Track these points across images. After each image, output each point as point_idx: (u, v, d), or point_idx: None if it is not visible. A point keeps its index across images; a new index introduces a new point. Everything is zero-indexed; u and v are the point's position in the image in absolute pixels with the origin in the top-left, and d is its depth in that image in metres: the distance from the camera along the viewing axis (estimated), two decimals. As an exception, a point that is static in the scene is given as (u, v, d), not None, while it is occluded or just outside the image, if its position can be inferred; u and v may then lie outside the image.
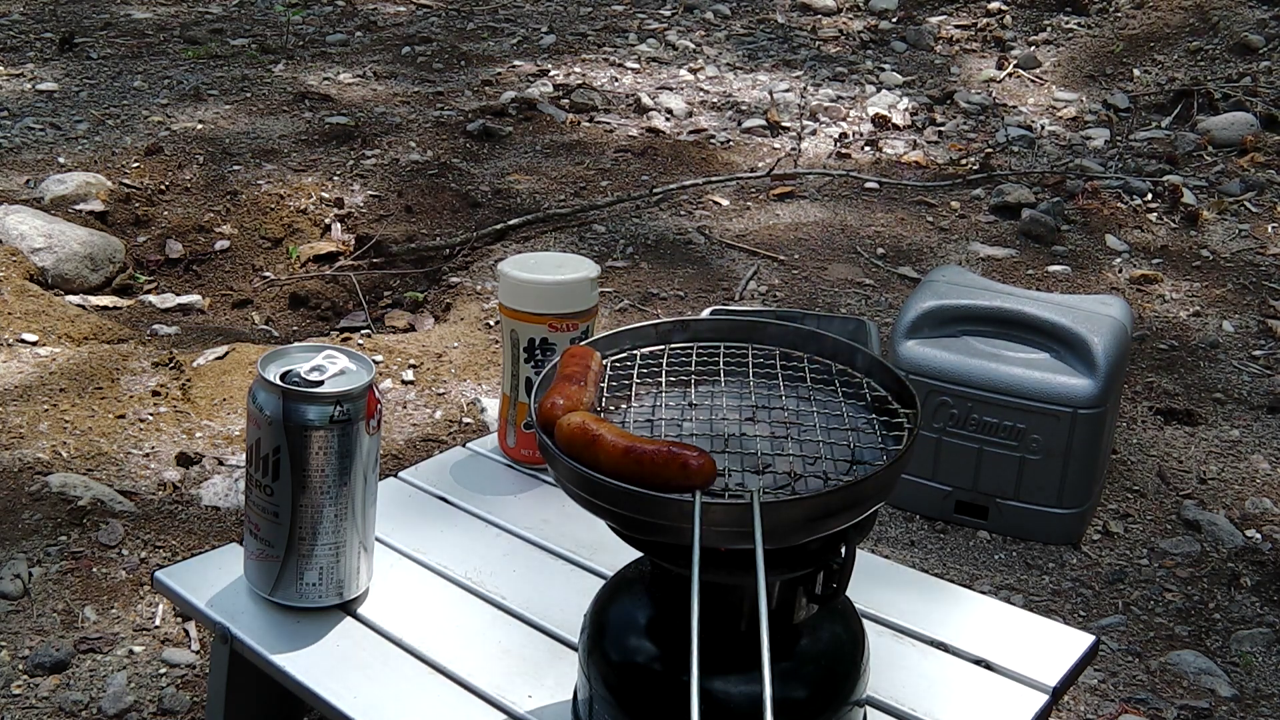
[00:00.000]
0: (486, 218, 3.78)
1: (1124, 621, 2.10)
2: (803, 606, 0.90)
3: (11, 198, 3.57)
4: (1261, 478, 2.56)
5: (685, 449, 0.81)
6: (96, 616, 1.90)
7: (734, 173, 4.24)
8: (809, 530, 0.83)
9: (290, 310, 3.37)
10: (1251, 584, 2.20)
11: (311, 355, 1.11)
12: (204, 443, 2.38)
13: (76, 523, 2.07)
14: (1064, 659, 1.11)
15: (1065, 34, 5.66)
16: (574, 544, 1.27)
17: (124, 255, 3.43)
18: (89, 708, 1.73)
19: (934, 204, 4.04)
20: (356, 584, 1.14)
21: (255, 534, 1.11)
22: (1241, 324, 3.27)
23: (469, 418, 2.58)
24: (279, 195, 3.83)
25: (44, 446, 2.29)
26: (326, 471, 1.07)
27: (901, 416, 0.92)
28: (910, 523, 2.38)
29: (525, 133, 4.54)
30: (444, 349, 2.88)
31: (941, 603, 1.21)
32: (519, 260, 1.40)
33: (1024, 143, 4.61)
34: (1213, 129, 4.55)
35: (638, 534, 0.87)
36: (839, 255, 3.61)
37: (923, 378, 2.29)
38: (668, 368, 1.01)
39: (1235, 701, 1.91)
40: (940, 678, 1.09)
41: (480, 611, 1.17)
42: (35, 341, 2.76)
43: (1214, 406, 2.85)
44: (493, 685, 1.05)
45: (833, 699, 0.91)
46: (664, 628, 0.92)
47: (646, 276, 3.39)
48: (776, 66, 5.50)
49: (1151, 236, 3.83)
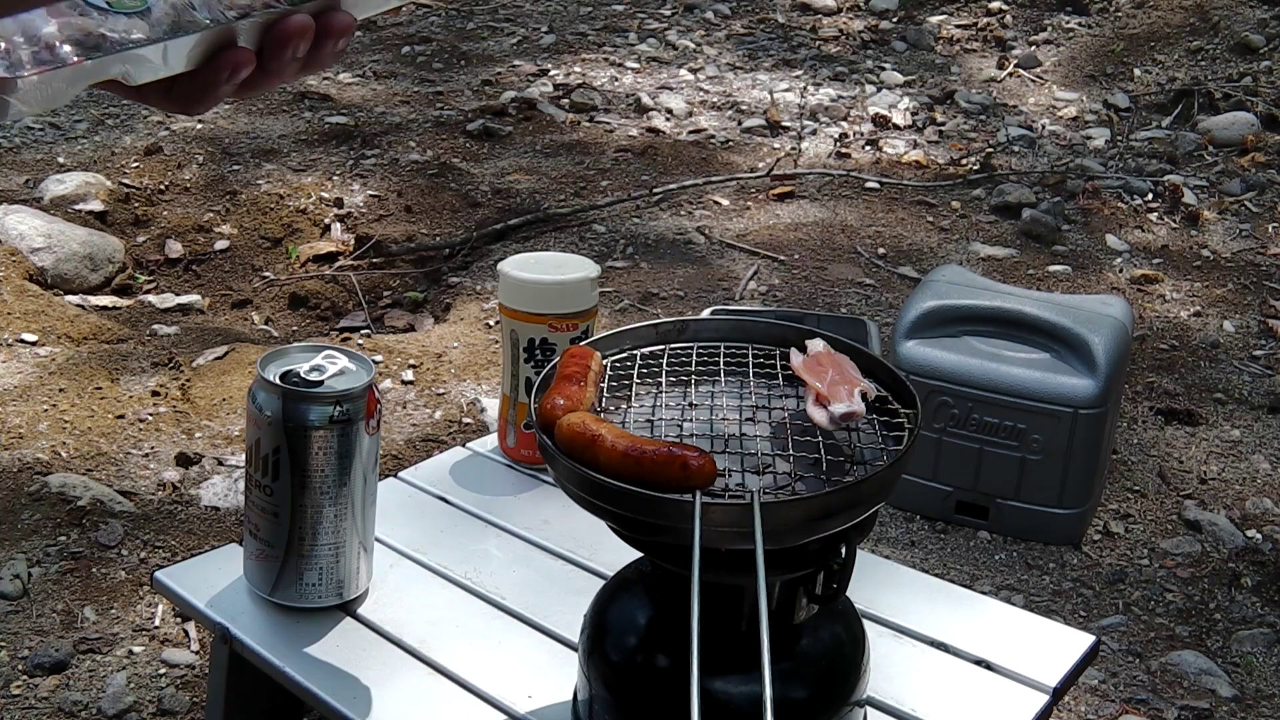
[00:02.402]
0: (486, 218, 3.77)
1: (1124, 622, 2.10)
2: (803, 607, 0.90)
3: (11, 198, 3.57)
4: (1262, 478, 2.56)
5: (685, 449, 0.80)
6: (96, 617, 1.90)
7: (734, 173, 4.24)
8: (809, 530, 0.83)
9: (290, 310, 3.37)
10: (1252, 584, 2.20)
11: (311, 355, 1.11)
12: (204, 443, 2.38)
13: (76, 523, 2.07)
14: (1064, 659, 1.11)
15: (1066, 34, 5.66)
16: (574, 544, 1.27)
17: (124, 255, 3.43)
18: (89, 708, 1.73)
19: (934, 204, 4.04)
20: (356, 584, 1.14)
21: (255, 534, 1.11)
22: (1242, 324, 3.27)
23: (469, 418, 2.58)
24: (279, 195, 3.83)
25: (44, 446, 2.29)
26: (326, 471, 1.06)
27: (902, 416, 0.92)
28: (910, 523, 2.38)
29: (525, 133, 4.54)
30: (444, 349, 2.87)
31: (941, 603, 1.21)
32: (519, 260, 1.40)
33: (1024, 143, 4.61)
34: (1213, 129, 4.55)
35: (638, 534, 0.87)
36: (839, 255, 3.61)
37: (923, 378, 2.29)
38: (668, 368, 1.01)
39: (1235, 702, 1.91)
40: (940, 678, 1.09)
41: (480, 611, 1.16)
42: (35, 341, 2.76)
43: (1214, 406, 2.84)
44: (493, 685, 1.05)
45: (833, 699, 0.91)
46: (664, 628, 0.92)
47: (646, 276, 3.39)
48: (776, 66, 5.50)
49: (1152, 236, 3.83)
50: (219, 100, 0.61)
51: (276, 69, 0.60)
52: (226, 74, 0.58)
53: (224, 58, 0.58)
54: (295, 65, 0.61)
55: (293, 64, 0.60)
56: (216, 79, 0.58)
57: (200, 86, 0.59)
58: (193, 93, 0.59)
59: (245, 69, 0.59)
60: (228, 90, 0.59)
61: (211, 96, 0.59)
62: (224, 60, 0.58)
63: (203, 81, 0.58)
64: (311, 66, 0.62)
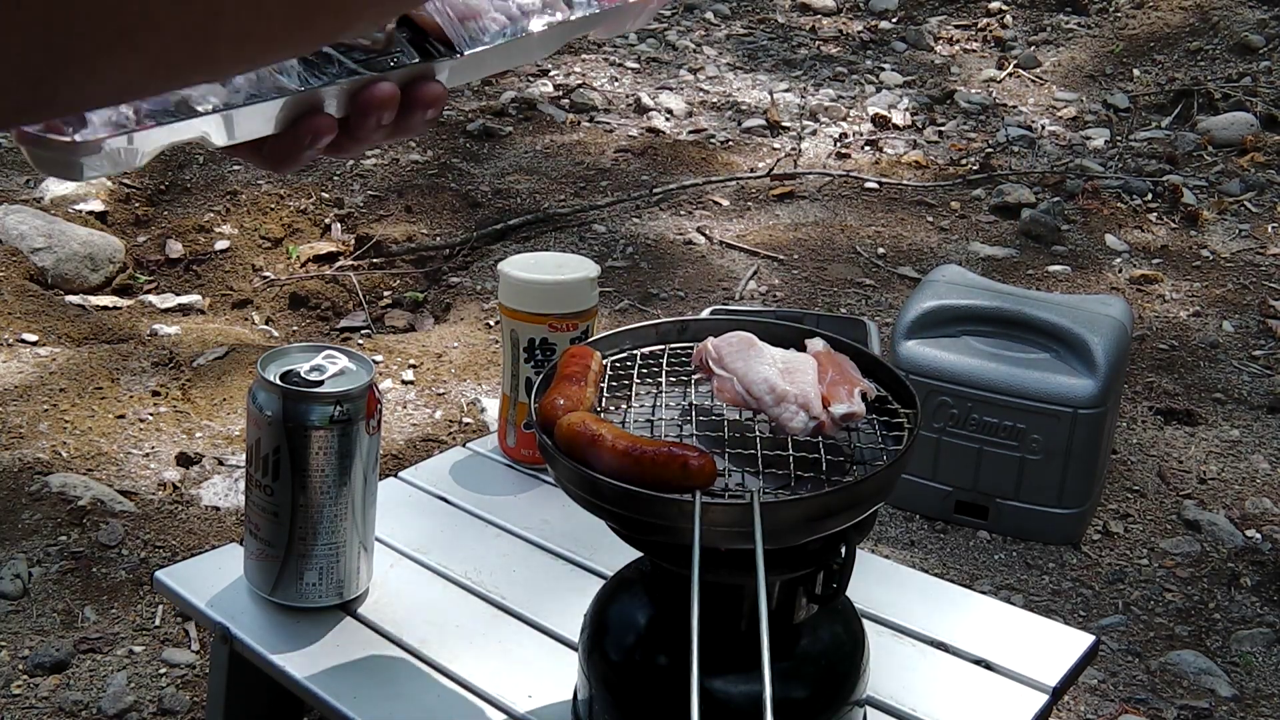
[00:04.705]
0: (486, 218, 3.78)
1: (1124, 621, 2.10)
2: (803, 606, 0.90)
3: (11, 198, 3.57)
4: (1261, 478, 2.56)
5: (685, 449, 0.81)
6: (96, 616, 1.90)
7: (734, 173, 4.24)
8: (809, 530, 0.83)
9: (290, 310, 3.37)
10: (1251, 584, 2.20)
11: (311, 355, 1.11)
12: (204, 443, 2.38)
13: (76, 523, 2.07)
14: (1064, 659, 1.11)
15: (1065, 34, 5.66)
16: (574, 544, 1.27)
17: (124, 255, 3.43)
18: (89, 708, 1.73)
19: (934, 204, 4.04)
20: (356, 584, 1.14)
21: (255, 534, 1.11)
22: (1241, 324, 3.27)
23: (469, 418, 2.58)
24: (279, 195, 3.83)
25: (44, 446, 2.29)
26: (326, 471, 1.07)
27: (901, 416, 0.92)
28: (910, 523, 2.38)
29: (525, 133, 4.54)
30: (444, 349, 2.88)
31: (941, 603, 1.21)
32: (519, 260, 1.40)
33: (1024, 143, 4.61)
34: (1213, 129, 4.55)
35: (638, 534, 0.87)
36: (839, 255, 3.61)
37: (923, 378, 2.29)
38: (668, 368, 1.01)
39: (1235, 701, 1.91)
40: (940, 678, 1.09)
41: (480, 611, 1.17)
42: (35, 341, 2.76)
43: (1214, 406, 2.84)
44: (493, 685, 1.05)
45: (833, 699, 0.91)
46: (664, 628, 0.92)
47: (646, 276, 3.39)
48: (776, 66, 5.50)
49: (1151, 236, 3.83)
50: (305, 162, 0.60)
51: (362, 135, 0.59)
52: (308, 139, 0.58)
53: (306, 123, 0.57)
54: (382, 132, 0.60)
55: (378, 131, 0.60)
56: (300, 143, 0.58)
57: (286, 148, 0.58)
58: (279, 153, 0.59)
59: (328, 135, 0.58)
60: (312, 154, 0.59)
61: (295, 159, 0.59)
62: (306, 126, 0.58)
63: (288, 143, 0.58)
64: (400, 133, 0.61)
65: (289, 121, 0.57)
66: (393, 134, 0.61)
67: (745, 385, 0.90)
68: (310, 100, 0.57)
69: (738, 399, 0.91)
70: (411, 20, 0.61)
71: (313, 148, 0.58)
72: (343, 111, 0.59)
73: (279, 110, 0.57)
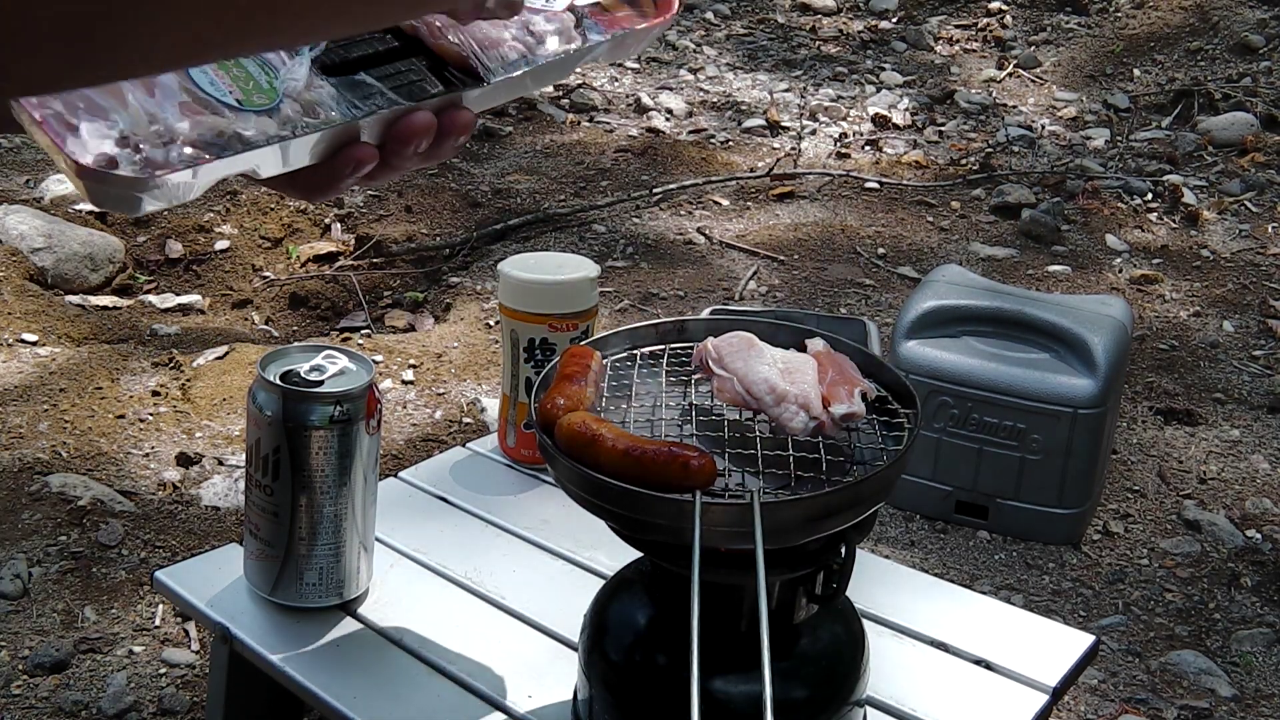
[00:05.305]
0: (486, 218, 3.78)
1: (1124, 621, 2.10)
2: (803, 606, 0.90)
3: (11, 198, 3.57)
4: (1261, 478, 2.56)
5: (686, 449, 0.81)
6: (96, 616, 1.90)
7: (734, 173, 4.24)
8: (809, 530, 0.83)
9: (290, 310, 3.37)
10: (1252, 584, 2.20)
11: (311, 355, 1.11)
12: (204, 443, 2.38)
13: (76, 523, 2.07)
14: (1064, 659, 1.11)
15: (1065, 34, 5.66)
16: (574, 544, 1.27)
17: (124, 255, 3.43)
18: (89, 708, 1.73)
19: (934, 204, 4.04)
20: (356, 584, 1.14)
21: (255, 534, 1.11)
22: (1241, 324, 3.27)
23: (469, 418, 2.58)
24: (279, 195, 3.83)
25: (44, 446, 2.29)
26: (326, 471, 1.07)
27: (901, 416, 0.92)
28: (910, 523, 2.38)
29: (525, 133, 4.54)
30: (444, 349, 2.88)
31: (941, 603, 1.21)
32: (519, 260, 1.40)
33: (1024, 143, 4.61)
34: (1213, 129, 4.55)
35: (638, 534, 0.87)
36: (839, 255, 3.61)
37: (923, 378, 2.29)
38: (668, 368, 1.01)
39: (1235, 701, 1.91)
40: (940, 678, 1.09)
41: (480, 611, 1.17)
42: (35, 341, 2.76)
43: (1214, 406, 2.84)
44: (493, 685, 1.05)
45: (833, 699, 0.91)
46: (664, 628, 0.92)
47: (646, 276, 3.39)
48: (776, 66, 5.50)
49: (1151, 236, 3.83)
50: (342, 191, 0.61)
51: (398, 163, 0.61)
52: (350, 169, 0.59)
53: (348, 153, 0.59)
54: (417, 159, 0.62)
55: (414, 158, 0.61)
56: (340, 172, 0.59)
57: (324, 178, 0.60)
58: (317, 183, 0.60)
59: (368, 164, 0.59)
60: (350, 183, 0.60)
61: (334, 188, 0.60)
62: (347, 155, 0.59)
63: (326, 173, 0.59)
64: (431, 159, 0.63)
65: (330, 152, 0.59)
66: (424, 160, 0.62)
67: (745, 385, 0.90)
68: (350, 131, 0.59)
69: (738, 399, 0.91)
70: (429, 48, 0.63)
71: (353, 176, 0.59)
72: (378, 140, 0.60)
73: (321, 141, 0.58)
